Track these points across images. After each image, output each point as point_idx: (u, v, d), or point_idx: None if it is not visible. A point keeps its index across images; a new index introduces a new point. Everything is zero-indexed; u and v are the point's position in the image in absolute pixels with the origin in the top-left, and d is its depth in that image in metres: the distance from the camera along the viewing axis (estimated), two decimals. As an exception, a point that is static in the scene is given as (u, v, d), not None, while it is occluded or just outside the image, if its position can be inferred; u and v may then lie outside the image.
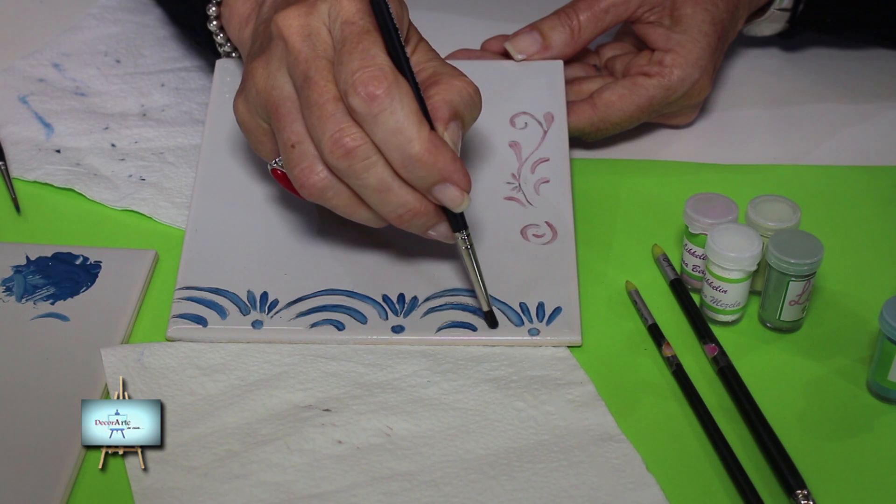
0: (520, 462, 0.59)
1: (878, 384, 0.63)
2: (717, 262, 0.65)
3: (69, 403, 0.61)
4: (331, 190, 0.61)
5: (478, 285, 0.65)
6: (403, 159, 0.59)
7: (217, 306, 0.66)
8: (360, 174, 0.59)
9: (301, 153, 0.61)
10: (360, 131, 0.59)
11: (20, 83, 0.87)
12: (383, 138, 0.58)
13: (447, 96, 0.61)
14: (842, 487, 0.58)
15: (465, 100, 0.61)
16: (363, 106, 0.58)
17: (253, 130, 0.64)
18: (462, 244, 0.64)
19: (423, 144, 0.58)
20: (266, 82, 0.61)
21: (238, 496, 0.57)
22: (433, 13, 0.94)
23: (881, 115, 0.85)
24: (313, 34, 0.60)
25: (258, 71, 0.62)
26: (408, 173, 0.59)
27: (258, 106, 0.62)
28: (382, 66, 0.58)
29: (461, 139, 0.62)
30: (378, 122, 0.58)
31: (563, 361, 0.65)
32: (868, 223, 0.75)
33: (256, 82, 0.62)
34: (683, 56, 0.77)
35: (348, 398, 0.62)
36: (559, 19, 0.79)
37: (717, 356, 0.64)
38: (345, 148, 0.58)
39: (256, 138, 0.65)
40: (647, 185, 0.78)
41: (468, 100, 0.62)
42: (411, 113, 0.58)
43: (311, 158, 0.61)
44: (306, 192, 0.62)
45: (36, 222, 0.75)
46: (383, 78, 0.58)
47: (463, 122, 0.62)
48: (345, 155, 0.59)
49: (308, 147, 0.61)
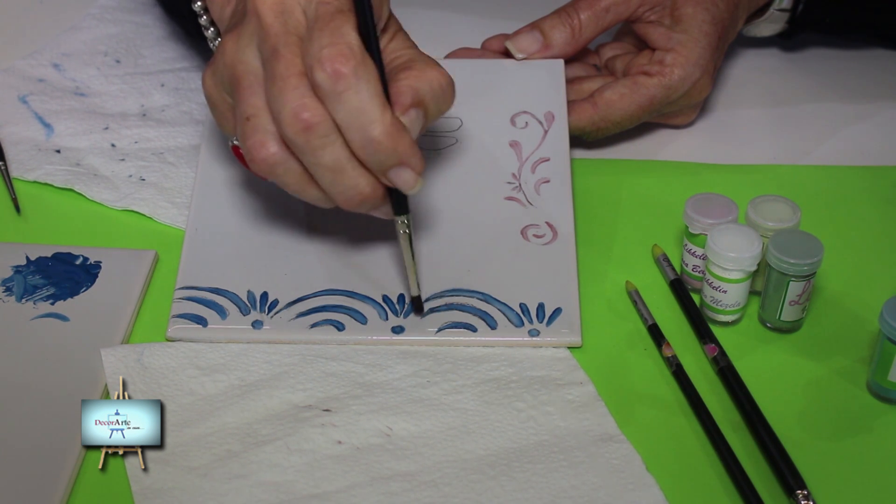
0: (520, 462, 0.59)
1: (878, 384, 0.63)
2: (717, 262, 0.65)
3: (69, 403, 0.61)
4: (281, 166, 0.60)
5: (411, 270, 0.64)
6: (363, 141, 0.58)
7: (217, 306, 0.66)
8: (316, 151, 0.58)
9: (255, 126, 0.60)
10: (321, 107, 0.58)
11: (20, 83, 0.87)
12: (345, 118, 0.58)
13: (415, 83, 0.60)
14: (842, 487, 0.58)
15: (433, 90, 0.61)
16: (328, 82, 0.57)
17: (218, 104, 0.63)
18: (401, 227, 0.63)
19: (384, 127, 0.58)
20: (234, 56, 0.60)
21: (238, 496, 0.57)
22: (433, 12, 0.94)
23: (881, 115, 0.85)
24: (287, 11, 0.59)
25: (228, 44, 0.61)
26: (366, 155, 0.59)
27: (224, 79, 0.61)
28: (351, 45, 0.57)
29: (422, 128, 0.61)
30: (341, 100, 0.57)
31: (563, 362, 0.65)
32: (868, 223, 0.75)
33: (225, 55, 0.61)
34: (684, 55, 0.77)
35: (348, 398, 0.62)
36: (560, 18, 0.79)
37: (717, 356, 0.64)
38: (305, 122, 0.57)
39: (221, 113, 0.64)
40: (647, 185, 0.78)
41: (437, 90, 0.61)
42: (375, 95, 0.57)
43: (263, 132, 0.59)
44: (256, 167, 0.60)
45: (36, 222, 0.75)
46: (351, 56, 0.57)
47: (427, 111, 0.61)
48: (304, 129, 0.58)
49: (263, 121, 0.59)
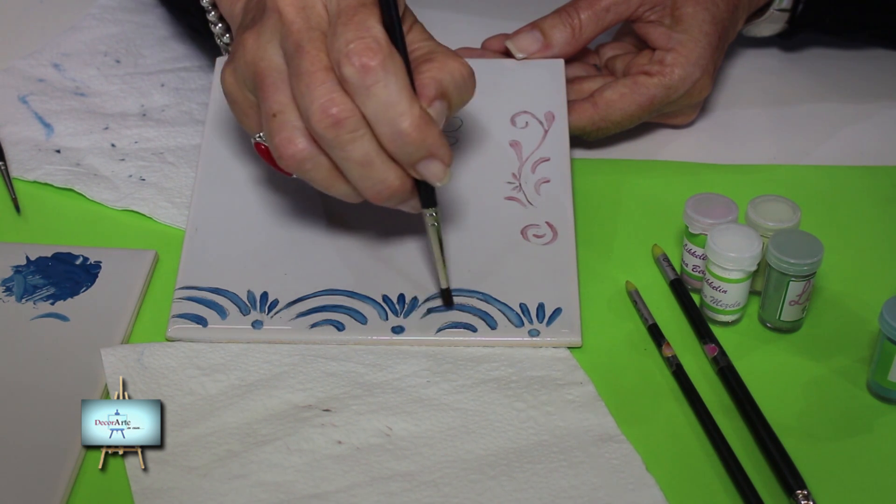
0: (520, 462, 0.59)
1: (878, 384, 0.63)
2: (717, 262, 0.65)
3: (69, 403, 0.61)
4: (310, 161, 0.60)
5: (440, 262, 0.64)
6: (393, 134, 0.58)
7: (217, 306, 0.66)
8: (345, 146, 0.58)
9: (282, 122, 0.59)
10: (349, 102, 0.58)
11: (20, 83, 0.87)
12: (374, 111, 0.58)
13: (437, 75, 0.60)
14: (842, 487, 0.58)
15: (455, 80, 0.61)
16: (356, 76, 0.57)
17: (239, 102, 0.63)
18: (430, 220, 0.63)
19: (413, 120, 0.58)
20: (256, 53, 0.60)
21: (238, 496, 0.57)
22: (434, 11, 0.94)
23: (881, 115, 0.85)
24: (308, 7, 0.59)
25: (249, 41, 0.61)
26: (395, 148, 0.59)
27: (246, 77, 0.61)
28: (378, 38, 0.57)
29: (446, 119, 0.61)
30: (370, 94, 0.57)
31: (563, 362, 0.65)
32: (868, 223, 0.75)
33: (246, 53, 0.61)
34: (684, 55, 0.77)
35: (348, 398, 0.62)
36: (560, 18, 0.79)
37: (717, 356, 0.64)
38: (334, 117, 0.57)
39: (242, 111, 0.64)
40: (647, 185, 0.78)
41: (459, 81, 0.61)
42: (404, 88, 0.58)
43: (291, 128, 0.59)
44: (285, 163, 0.61)
45: (36, 222, 0.75)
46: (378, 50, 0.57)
47: (450, 102, 0.61)
48: (333, 124, 0.58)
49: (290, 116, 0.59)
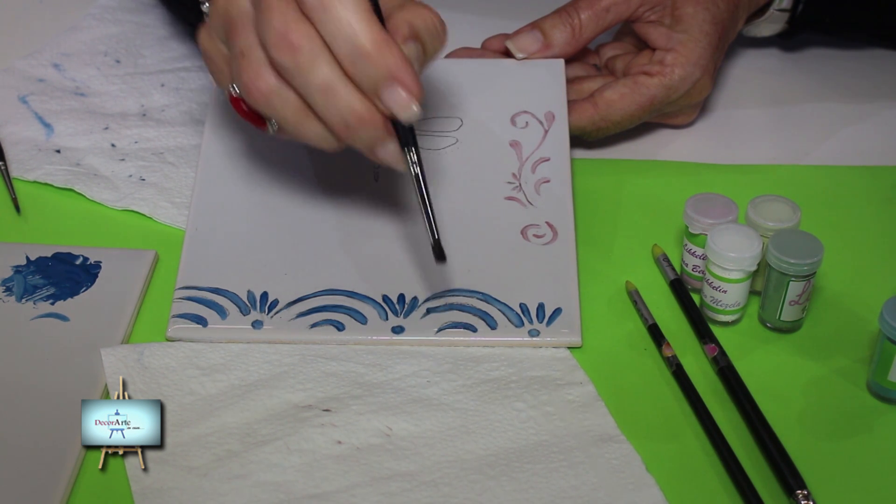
0: (519, 463, 0.59)
1: (878, 384, 0.63)
2: (717, 262, 0.65)
3: (69, 403, 0.61)
4: (277, 96, 0.60)
5: (425, 211, 0.62)
6: (351, 52, 0.58)
7: (217, 306, 0.66)
8: (305, 72, 0.58)
9: (249, 60, 0.60)
10: (308, 27, 0.58)
11: (20, 83, 0.87)
12: (331, 30, 0.57)
13: (409, 17, 0.60)
14: (842, 487, 0.58)
15: (428, 26, 0.61)
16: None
17: (214, 57, 0.63)
18: (410, 165, 0.61)
19: (371, 36, 0.57)
20: (227, 2, 0.61)
21: (238, 496, 0.57)
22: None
23: (881, 115, 0.85)
24: None
25: None
26: (355, 70, 0.58)
27: (218, 28, 0.62)
28: None
29: (421, 65, 0.61)
30: (328, 12, 0.57)
31: (562, 362, 0.64)
32: (868, 223, 0.75)
33: (218, 4, 0.61)
34: (685, 55, 0.77)
35: (348, 398, 0.62)
36: (560, 18, 0.79)
37: (717, 356, 0.64)
38: (291, 43, 0.58)
39: (217, 66, 0.64)
40: (647, 185, 0.78)
41: (431, 27, 0.61)
42: (364, 9, 0.57)
43: (258, 64, 0.59)
44: (253, 100, 0.60)
45: (36, 222, 0.75)
46: None
47: (424, 46, 0.61)
48: (290, 50, 0.58)
49: (257, 53, 0.60)
